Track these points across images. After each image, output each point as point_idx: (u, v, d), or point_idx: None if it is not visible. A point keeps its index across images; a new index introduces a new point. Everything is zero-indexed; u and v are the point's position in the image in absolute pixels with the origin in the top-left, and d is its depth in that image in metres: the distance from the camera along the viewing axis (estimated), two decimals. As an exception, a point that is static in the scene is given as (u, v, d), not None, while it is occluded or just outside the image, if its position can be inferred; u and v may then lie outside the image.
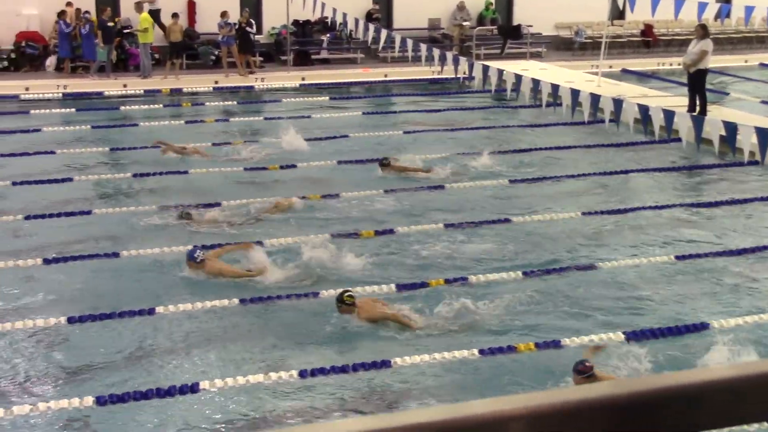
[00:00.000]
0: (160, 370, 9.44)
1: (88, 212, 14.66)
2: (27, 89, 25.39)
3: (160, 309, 10.76)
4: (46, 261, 12.40)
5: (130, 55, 28.77)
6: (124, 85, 26.37)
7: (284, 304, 11.09)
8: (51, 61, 28.49)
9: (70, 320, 10.46)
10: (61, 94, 25.33)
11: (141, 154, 18.64)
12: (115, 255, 12.64)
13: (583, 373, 8.69)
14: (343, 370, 9.32)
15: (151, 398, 8.67)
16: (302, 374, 9.23)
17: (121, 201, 15.56)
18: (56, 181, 16.57)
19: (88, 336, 10.25)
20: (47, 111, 23.49)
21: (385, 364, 9.43)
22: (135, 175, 16.99)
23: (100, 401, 8.59)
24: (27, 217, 14.28)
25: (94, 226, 14.06)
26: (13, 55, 28.61)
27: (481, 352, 9.73)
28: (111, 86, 26.24)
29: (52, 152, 18.80)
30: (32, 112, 23.24)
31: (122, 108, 24.04)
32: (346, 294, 10.46)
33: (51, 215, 14.41)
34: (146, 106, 24.38)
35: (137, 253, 12.74)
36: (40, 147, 19.19)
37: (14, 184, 16.36)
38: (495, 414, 1.61)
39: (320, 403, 8.86)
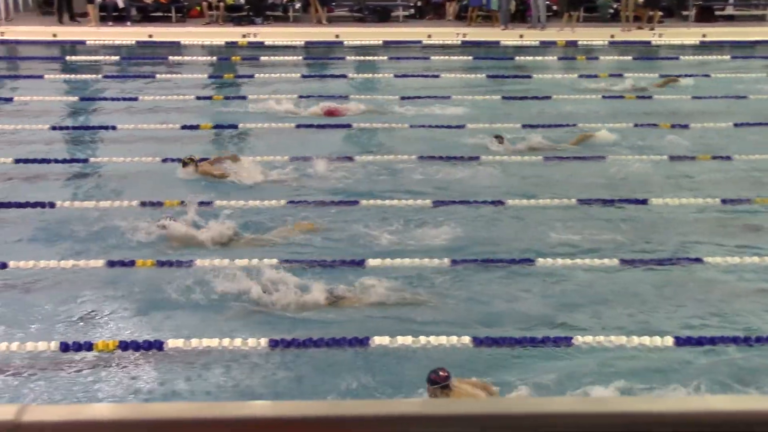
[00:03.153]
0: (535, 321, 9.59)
1: (476, 158, 15.09)
2: (429, 36, 26.57)
3: (539, 260, 10.93)
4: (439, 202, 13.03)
5: (528, 6, 29.09)
6: (521, 36, 26.78)
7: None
8: (452, 10, 29.56)
9: (453, 262, 10.89)
10: (460, 42, 26.25)
11: (535, 105, 18.86)
12: (500, 203, 12.97)
13: (436, 383, 7.47)
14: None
15: (525, 345, 8.86)
16: (678, 341, 8.98)
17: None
18: (450, 126, 17.18)
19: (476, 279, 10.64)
20: (446, 57, 24.47)
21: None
22: (524, 126, 17.19)
23: (476, 342, 8.90)
24: (421, 158, 14.99)
25: (482, 174, 14.47)
26: (419, 3, 30.04)
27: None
28: (508, 36, 26.77)
29: (448, 97, 19.53)
30: (432, 58, 24.32)
31: (517, 58, 24.48)
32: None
33: (441, 158, 15.02)
34: (540, 58, 24.63)
35: (520, 202, 13.00)
36: (438, 92, 20.02)
37: (411, 126, 17.21)
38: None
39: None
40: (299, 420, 1.71)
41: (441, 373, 7.59)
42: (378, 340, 8.87)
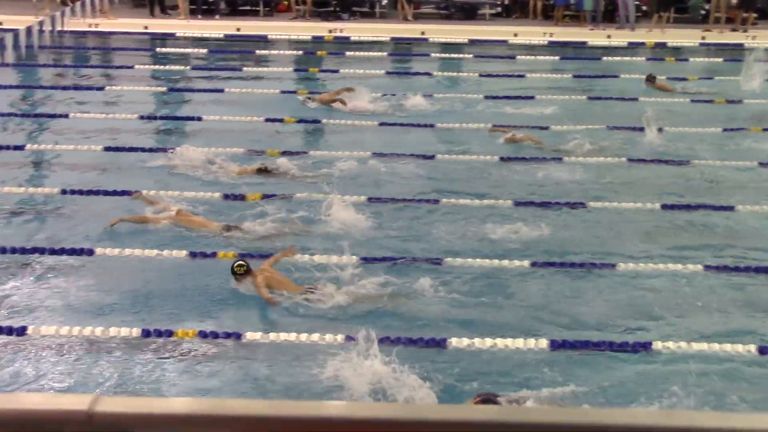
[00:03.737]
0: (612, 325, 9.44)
1: (559, 159, 14.94)
2: (515, 35, 26.36)
3: (620, 265, 10.76)
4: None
5: (617, 5, 28.64)
6: (609, 36, 26.40)
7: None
8: (537, 7, 29.26)
9: (533, 264, 10.79)
10: (546, 42, 26.00)
11: (618, 106, 18.59)
12: (581, 205, 12.81)
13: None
14: None
15: (604, 350, 8.73)
16: (762, 351, 8.75)
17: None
18: (532, 127, 16.90)
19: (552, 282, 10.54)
20: (532, 57, 24.25)
21: None
22: (610, 128, 16.89)
23: (554, 345, 8.81)
24: (503, 159, 14.90)
25: (564, 175, 14.30)
26: (506, 2, 29.83)
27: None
28: (595, 36, 26.42)
29: (532, 98, 19.33)
30: (518, 57, 24.12)
31: (604, 59, 24.14)
32: (237, 264, 9.77)
33: (523, 158, 14.91)
34: (629, 59, 24.23)
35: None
36: (522, 92, 19.84)
37: (494, 126, 17.06)
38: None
39: None
40: (372, 421, 1.71)
41: None
42: (455, 342, 8.84)
